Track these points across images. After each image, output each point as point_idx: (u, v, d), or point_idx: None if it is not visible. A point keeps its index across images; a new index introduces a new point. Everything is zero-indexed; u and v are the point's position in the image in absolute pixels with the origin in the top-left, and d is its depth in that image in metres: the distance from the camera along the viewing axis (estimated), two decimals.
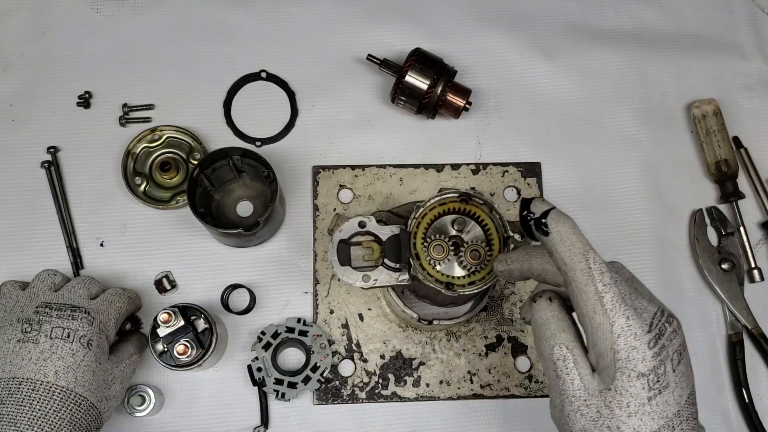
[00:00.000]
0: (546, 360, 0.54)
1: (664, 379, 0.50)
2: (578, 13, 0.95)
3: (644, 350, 0.50)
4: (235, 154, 0.79)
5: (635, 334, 0.50)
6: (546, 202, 0.54)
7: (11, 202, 0.85)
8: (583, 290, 0.51)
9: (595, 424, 0.51)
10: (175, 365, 0.75)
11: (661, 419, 0.50)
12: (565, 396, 0.52)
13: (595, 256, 0.52)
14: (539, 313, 0.54)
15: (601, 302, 0.50)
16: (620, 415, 0.50)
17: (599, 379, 0.51)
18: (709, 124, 0.88)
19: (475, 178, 0.87)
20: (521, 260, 0.57)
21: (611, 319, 0.50)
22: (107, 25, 0.91)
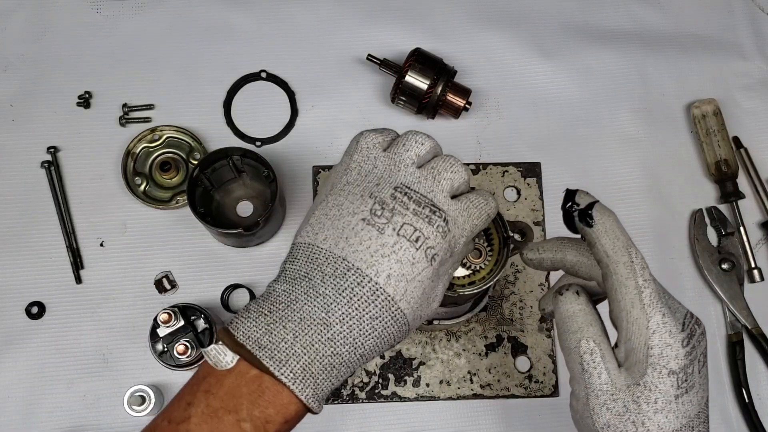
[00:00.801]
0: (571, 353, 0.53)
1: (692, 380, 0.51)
2: (578, 13, 0.95)
3: (678, 348, 0.50)
4: (235, 154, 0.79)
5: (670, 331, 0.50)
6: (590, 195, 0.54)
7: (11, 202, 0.85)
8: (623, 284, 0.51)
9: (620, 418, 0.51)
10: (175, 365, 0.75)
11: (684, 418, 0.51)
12: (591, 389, 0.52)
13: (637, 251, 0.52)
14: (566, 305, 0.54)
15: (640, 297, 0.50)
16: (647, 411, 0.50)
17: (626, 374, 0.51)
18: (709, 124, 0.89)
19: (475, 178, 0.87)
20: (555, 250, 0.57)
21: (648, 314, 0.50)
22: (107, 25, 0.91)
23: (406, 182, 0.51)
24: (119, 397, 0.78)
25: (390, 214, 0.50)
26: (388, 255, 0.49)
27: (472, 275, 0.62)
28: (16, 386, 0.80)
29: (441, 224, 0.51)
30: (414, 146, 0.53)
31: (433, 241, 0.50)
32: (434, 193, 0.52)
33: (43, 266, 0.83)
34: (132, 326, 0.82)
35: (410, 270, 0.50)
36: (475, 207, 0.54)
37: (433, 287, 0.52)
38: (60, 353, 0.81)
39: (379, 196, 0.51)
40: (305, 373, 0.47)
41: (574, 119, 0.91)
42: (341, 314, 0.48)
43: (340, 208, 0.51)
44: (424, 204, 0.51)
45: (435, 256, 0.50)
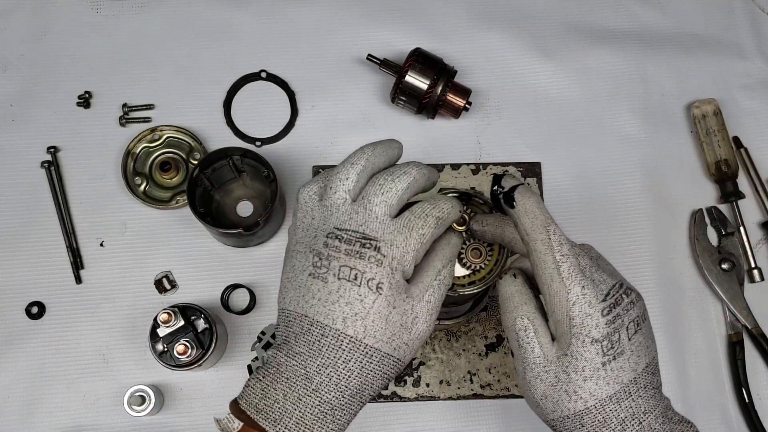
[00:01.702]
0: (509, 331, 0.56)
1: (619, 347, 0.53)
2: (578, 13, 0.95)
3: (597, 317, 0.52)
4: (235, 154, 0.79)
5: (589, 302, 0.52)
6: (515, 178, 0.57)
7: (11, 202, 0.85)
8: (542, 259, 0.54)
9: (553, 389, 0.54)
10: (175, 365, 0.75)
11: (617, 384, 0.52)
12: (526, 364, 0.55)
13: (556, 228, 0.54)
14: (504, 288, 0.57)
15: (559, 271, 0.53)
16: (576, 380, 0.53)
17: (557, 346, 0.54)
18: (709, 124, 0.89)
19: (475, 178, 0.87)
20: (495, 225, 0.60)
21: (567, 287, 0.53)
22: (107, 25, 0.91)
23: (337, 224, 0.54)
24: (119, 397, 0.78)
25: (327, 261, 0.53)
26: (336, 301, 0.52)
27: (472, 275, 0.62)
28: (16, 386, 0.80)
29: (372, 254, 0.52)
30: (340, 185, 0.55)
31: (370, 273, 0.52)
32: (367, 223, 0.53)
33: (43, 266, 0.83)
34: (132, 326, 0.82)
35: (361, 307, 0.52)
36: (417, 217, 0.55)
37: (404, 312, 0.53)
38: (60, 353, 0.81)
39: (315, 248, 0.53)
40: (299, 426, 0.50)
41: (574, 119, 0.91)
42: (317, 366, 0.51)
43: (293, 269, 0.55)
44: (354, 240, 0.53)
45: (380, 285, 0.52)
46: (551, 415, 0.55)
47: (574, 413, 0.53)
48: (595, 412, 0.53)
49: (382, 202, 0.54)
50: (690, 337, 0.85)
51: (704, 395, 0.83)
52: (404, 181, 0.55)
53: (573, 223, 0.87)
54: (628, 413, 0.52)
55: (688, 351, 0.84)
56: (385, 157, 0.57)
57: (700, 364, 0.84)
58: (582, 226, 0.87)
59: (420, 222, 0.54)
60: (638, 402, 0.53)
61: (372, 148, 0.56)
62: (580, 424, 0.53)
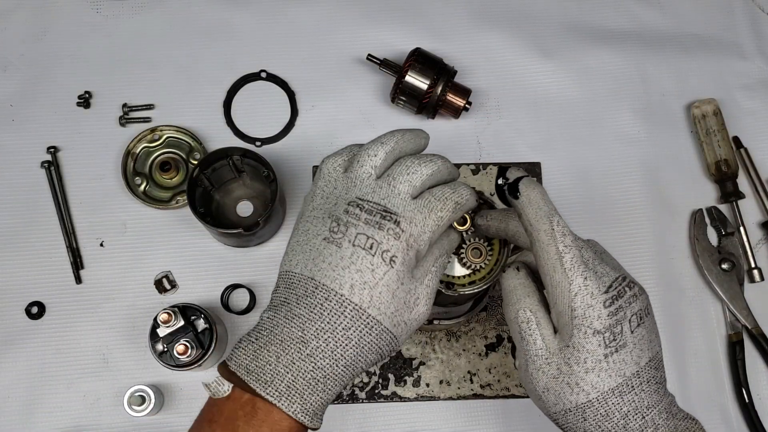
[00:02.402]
0: (512, 324, 0.56)
1: (621, 339, 0.53)
2: (578, 13, 0.95)
3: (600, 309, 0.52)
4: (235, 154, 0.79)
5: (591, 293, 0.52)
6: (521, 170, 0.57)
7: (11, 202, 0.85)
8: (545, 249, 0.54)
9: (556, 381, 0.54)
10: (175, 365, 0.75)
11: (619, 377, 0.52)
12: (528, 356, 0.55)
13: (560, 220, 0.54)
14: (507, 281, 0.58)
15: (561, 262, 0.53)
16: (578, 371, 0.53)
17: (560, 338, 0.54)
18: (709, 124, 0.89)
19: (475, 178, 0.87)
20: (500, 219, 0.60)
21: (569, 278, 0.53)
22: (107, 25, 0.91)
23: (360, 195, 0.54)
24: (119, 397, 0.78)
25: (345, 227, 0.52)
26: (347, 266, 0.51)
27: (472, 275, 0.62)
28: (16, 386, 0.80)
29: (391, 227, 0.52)
30: (368, 160, 0.55)
31: (387, 245, 0.52)
32: (389, 198, 0.53)
33: (43, 266, 0.83)
34: (132, 326, 0.82)
35: (371, 277, 0.51)
36: (437, 199, 0.55)
37: (408, 290, 0.53)
38: (60, 353, 0.81)
39: (335, 213, 0.53)
40: (290, 390, 0.49)
41: (574, 119, 0.91)
42: (315, 330, 0.50)
43: (307, 234, 0.54)
44: (375, 211, 0.53)
45: (393, 258, 0.52)
46: (553, 408, 0.55)
47: (576, 406, 0.53)
48: (597, 405, 0.52)
49: (407, 181, 0.54)
50: (690, 337, 0.85)
51: (704, 395, 0.83)
52: (430, 167, 0.55)
53: (573, 223, 0.86)
54: (630, 407, 0.52)
55: (688, 351, 0.84)
56: (413, 144, 0.57)
57: (700, 364, 0.84)
58: (582, 226, 0.86)
59: (440, 204, 0.54)
60: (641, 396, 0.53)
61: (402, 133, 0.57)
62: (582, 417, 0.53)
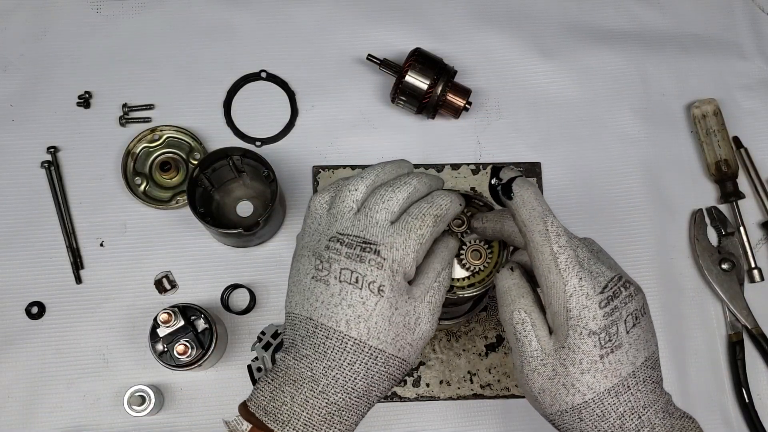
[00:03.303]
0: (507, 325, 0.56)
1: (617, 339, 0.52)
2: (578, 13, 0.95)
3: (595, 309, 0.52)
4: (235, 154, 0.79)
5: (587, 293, 0.52)
6: (514, 170, 0.57)
7: (11, 202, 0.85)
8: (539, 250, 0.54)
9: (551, 382, 0.54)
10: (175, 365, 0.75)
11: (615, 378, 0.52)
12: (524, 357, 0.55)
13: (554, 220, 0.54)
14: (501, 281, 0.58)
15: (556, 262, 0.53)
16: (574, 372, 0.53)
17: (555, 339, 0.54)
18: (709, 124, 0.88)
19: (475, 178, 0.87)
20: (495, 220, 0.60)
21: (564, 278, 0.53)
22: (107, 25, 0.91)
23: (340, 230, 0.55)
24: (119, 397, 0.78)
25: (328, 264, 0.54)
26: (338, 303, 0.53)
27: (471, 277, 0.62)
28: (16, 386, 0.80)
29: (372, 257, 0.53)
30: (348, 195, 0.56)
31: (371, 276, 0.53)
32: (368, 228, 0.55)
33: (43, 266, 0.83)
34: (132, 326, 0.82)
35: (363, 309, 0.53)
36: (414, 218, 0.55)
37: (406, 312, 0.54)
38: (60, 353, 0.81)
39: (318, 251, 0.55)
40: (307, 427, 0.51)
41: (574, 119, 0.91)
42: (323, 368, 0.52)
43: (298, 273, 0.56)
44: (355, 244, 0.54)
45: (381, 288, 0.53)
46: (549, 409, 0.55)
47: (572, 407, 0.53)
48: (593, 406, 0.53)
49: (383, 209, 0.55)
50: (690, 337, 0.85)
51: (704, 395, 0.83)
52: (404, 190, 0.56)
53: (573, 222, 0.86)
54: (627, 407, 0.52)
55: (688, 351, 0.84)
56: (395, 174, 0.59)
57: (700, 364, 0.84)
58: (582, 226, 0.87)
59: (418, 222, 0.55)
60: (637, 396, 0.53)
61: (382, 166, 0.58)
62: (578, 418, 0.53)
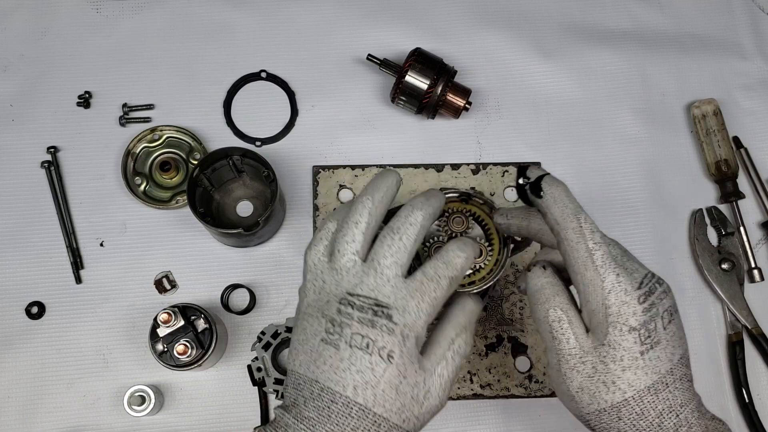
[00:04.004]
0: (542, 323, 0.55)
1: (655, 336, 0.52)
2: (578, 13, 0.95)
3: (634, 305, 0.52)
4: (235, 154, 0.79)
5: (625, 289, 0.52)
6: (541, 169, 0.57)
7: (11, 202, 0.85)
8: (574, 248, 0.53)
9: (591, 380, 0.53)
10: (175, 365, 0.75)
11: (655, 375, 0.52)
12: (561, 355, 0.54)
13: (587, 217, 0.53)
14: (534, 280, 0.56)
15: (592, 259, 0.52)
16: (615, 370, 0.52)
17: (593, 336, 0.53)
18: (709, 124, 0.89)
19: (475, 178, 0.87)
20: (521, 217, 0.59)
21: (602, 275, 0.52)
22: (107, 25, 0.91)
23: (349, 289, 0.53)
24: (119, 397, 0.78)
25: (340, 328, 0.52)
26: (347, 368, 0.51)
27: (472, 275, 0.62)
28: (16, 386, 0.80)
29: (384, 323, 0.52)
30: (347, 248, 0.54)
31: (382, 341, 0.51)
32: (378, 287, 0.53)
33: (43, 266, 0.83)
34: (132, 326, 0.82)
35: (372, 376, 0.51)
36: (430, 279, 0.53)
37: (415, 383, 0.53)
38: (60, 353, 0.81)
39: (329, 314, 0.53)
40: None
41: (574, 119, 0.91)
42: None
43: (305, 332, 0.54)
44: (367, 307, 0.52)
45: (391, 354, 0.51)
46: (587, 408, 0.53)
47: (611, 405, 0.52)
48: (633, 404, 0.52)
49: (393, 263, 0.53)
50: (690, 337, 0.83)
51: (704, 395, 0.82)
52: (411, 235, 0.54)
53: None
54: (665, 405, 0.52)
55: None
56: (387, 201, 0.56)
57: (700, 364, 0.84)
58: None
59: (433, 285, 0.53)
60: (675, 394, 0.52)
61: (371, 199, 0.55)
62: (617, 417, 0.52)
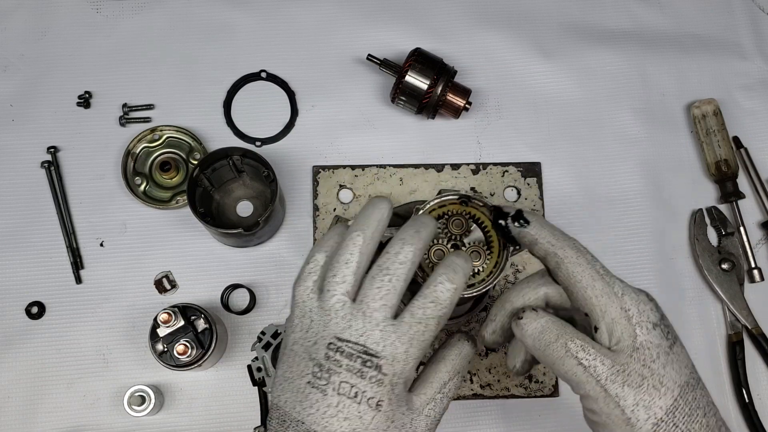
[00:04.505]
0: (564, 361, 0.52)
1: (673, 331, 0.52)
2: (578, 13, 0.95)
3: (647, 302, 0.51)
4: (235, 154, 0.79)
5: (633, 290, 0.52)
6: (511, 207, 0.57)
7: (11, 202, 0.85)
8: (578, 263, 0.52)
9: (640, 389, 0.50)
10: (175, 365, 0.75)
11: (686, 369, 0.51)
12: (602, 381, 0.51)
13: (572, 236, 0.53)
14: (532, 324, 0.54)
15: (597, 270, 0.52)
16: (657, 369, 0.50)
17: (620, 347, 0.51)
18: (709, 124, 0.88)
19: (475, 178, 0.87)
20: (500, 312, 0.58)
21: (610, 282, 0.52)
22: (107, 25, 0.91)
23: (337, 333, 0.52)
24: (119, 397, 0.78)
25: (328, 374, 0.51)
26: (334, 415, 0.50)
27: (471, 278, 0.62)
28: (16, 386, 0.80)
29: (373, 374, 0.51)
30: (337, 288, 0.53)
31: (371, 392, 0.51)
32: (366, 332, 0.52)
33: (43, 266, 0.83)
34: (132, 326, 0.82)
35: (359, 423, 0.50)
36: (418, 322, 0.53)
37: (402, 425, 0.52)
38: (60, 353, 0.81)
39: (317, 357, 0.52)
40: None
41: (574, 119, 0.91)
42: None
43: (291, 370, 0.53)
44: (356, 355, 0.51)
45: (380, 403, 0.51)
46: (645, 425, 0.50)
47: (666, 411, 0.49)
48: (681, 404, 0.50)
49: (382, 306, 0.52)
50: (690, 337, 0.85)
51: None
52: (402, 275, 0.53)
53: (573, 222, 0.87)
54: (703, 402, 0.50)
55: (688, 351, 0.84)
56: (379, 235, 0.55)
57: (700, 364, 0.82)
58: (582, 226, 0.87)
59: (421, 328, 0.53)
60: (704, 392, 0.51)
61: (362, 235, 0.54)
62: (673, 424, 0.49)
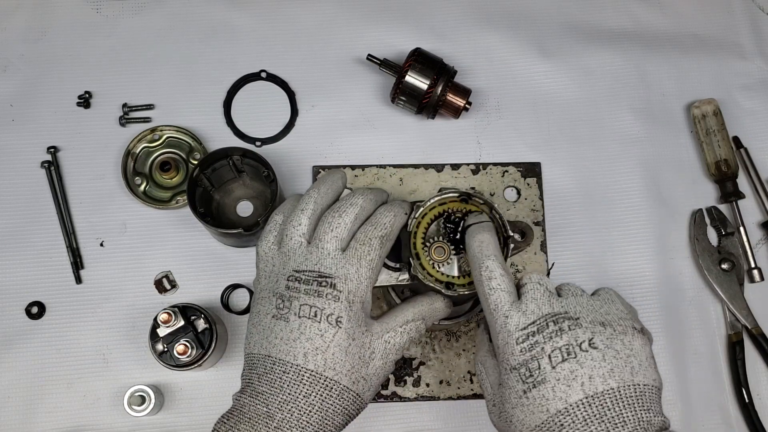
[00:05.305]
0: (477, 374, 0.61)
1: (539, 374, 0.53)
2: (578, 13, 0.95)
3: (513, 345, 0.54)
4: (235, 154, 0.79)
5: (509, 331, 0.55)
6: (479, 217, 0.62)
7: (11, 202, 0.85)
8: (480, 291, 0.57)
9: (500, 419, 0.56)
10: (175, 365, 0.75)
11: (543, 413, 0.52)
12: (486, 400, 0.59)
13: (490, 264, 0.57)
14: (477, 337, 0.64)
15: (488, 302, 0.56)
16: (508, 408, 0.55)
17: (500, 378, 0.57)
18: (709, 124, 0.89)
19: (475, 178, 0.87)
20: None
21: (494, 317, 0.56)
22: (107, 25, 0.91)
23: (295, 267, 0.58)
24: (119, 397, 0.78)
25: (289, 302, 0.57)
26: (297, 338, 0.55)
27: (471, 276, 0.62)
28: (16, 386, 0.80)
29: (329, 291, 0.57)
30: (294, 231, 0.60)
31: (329, 309, 0.56)
32: (321, 261, 0.58)
33: (43, 266, 0.83)
34: (132, 326, 0.82)
35: (321, 341, 0.55)
36: (362, 244, 0.59)
37: (362, 344, 0.57)
38: (60, 353, 0.81)
39: (278, 291, 0.58)
40: None
41: (574, 119, 0.91)
42: (279, 402, 0.54)
43: (258, 315, 0.59)
44: (312, 279, 0.57)
45: (339, 319, 0.56)
46: None
47: None
48: None
49: (333, 238, 0.58)
50: (690, 337, 0.85)
51: (704, 395, 0.83)
52: (351, 213, 0.59)
53: (573, 223, 0.87)
54: None
55: (688, 351, 0.84)
56: (332, 193, 0.62)
57: (700, 364, 0.84)
58: (582, 227, 0.87)
59: (365, 248, 0.59)
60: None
61: (317, 190, 0.61)
62: None
